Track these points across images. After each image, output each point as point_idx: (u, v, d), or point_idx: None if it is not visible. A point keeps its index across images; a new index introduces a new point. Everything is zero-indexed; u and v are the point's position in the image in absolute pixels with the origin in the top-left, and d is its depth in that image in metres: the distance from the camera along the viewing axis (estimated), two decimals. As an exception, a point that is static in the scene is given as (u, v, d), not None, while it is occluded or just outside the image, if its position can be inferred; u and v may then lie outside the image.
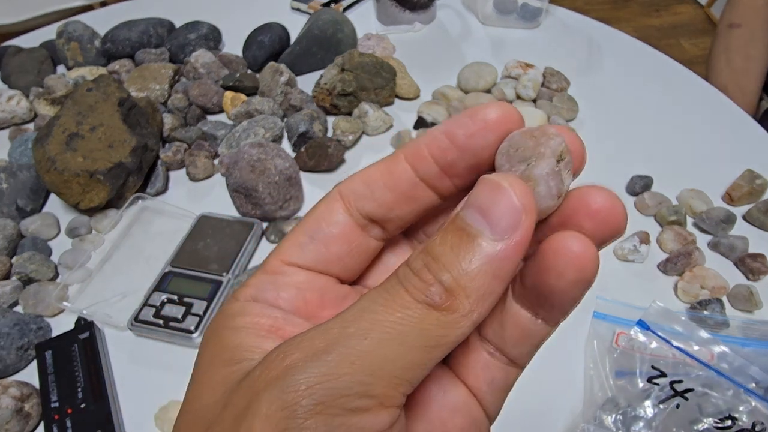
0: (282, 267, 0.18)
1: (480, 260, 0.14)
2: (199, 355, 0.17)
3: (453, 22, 0.87)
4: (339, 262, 0.18)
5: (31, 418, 0.42)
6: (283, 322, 0.17)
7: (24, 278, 0.51)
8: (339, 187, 0.18)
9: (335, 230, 0.18)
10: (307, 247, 0.18)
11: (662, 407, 0.40)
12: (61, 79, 0.72)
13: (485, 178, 0.15)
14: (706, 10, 2.27)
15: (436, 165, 0.17)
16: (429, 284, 0.14)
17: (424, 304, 0.14)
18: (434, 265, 0.14)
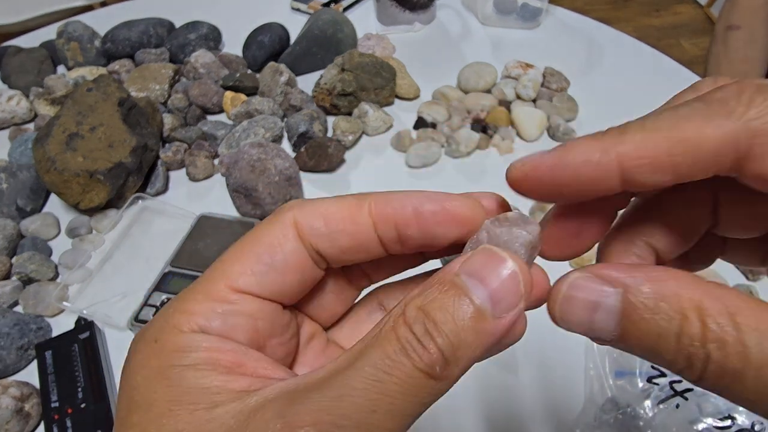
0: (232, 295, 0.17)
1: (476, 331, 0.15)
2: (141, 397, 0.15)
3: (453, 22, 0.87)
4: (290, 290, 0.18)
5: (31, 418, 0.42)
6: (243, 355, 0.16)
7: (24, 278, 0.51)
8: (295, 215, 0.18)
9: (291, 259, 0.17)
10: (265, 275, 0.17)
11: (662, 407, 0.40)
12: (61, 79, 0.73)
13: (489, 249, 0.16)
14: (706, 10, 2.27)
15: (396, 232, 0.17)
16: (431, 353, 0.14)
17: (425, 374, 0.14)
18: (436, 332, 0.14)
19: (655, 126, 0.15)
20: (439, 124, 0.67)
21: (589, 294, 0.15)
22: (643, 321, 0.14)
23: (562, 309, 0.16)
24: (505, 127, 0.66)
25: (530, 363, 0.45)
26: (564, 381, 0.44)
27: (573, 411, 0.42)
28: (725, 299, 0.13)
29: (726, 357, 0.13)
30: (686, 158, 0.15)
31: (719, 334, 0.13)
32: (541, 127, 0.66)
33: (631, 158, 0.15)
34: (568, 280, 0.16)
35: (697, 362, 0.13)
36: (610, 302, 0.15)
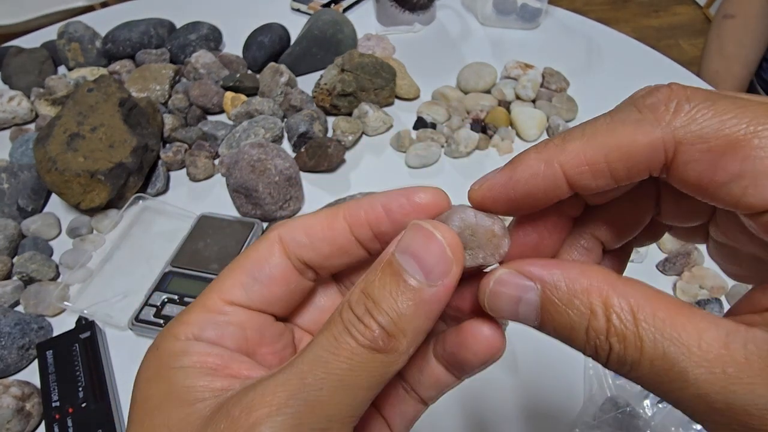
0: (223, 306, 0.19)
1: (415, 303, 0.16)
2: (141, 395, 0.18)
3: (453, 23, 0.87)
4: (278, 302, 0.19)
5: (32, 417, 0.42)
6: (229, 359, 0.18)
7: (25, 278, 0.51)
8: (279, 232, 0.19)
9: (276, 272, 0.19)
10: (251, 288, 0.19)
11: (661, 406, 0.40)
12: (62, 79, 0.73)
13: (417, 224, 0.17)
14: (705, 10, 2.28)
15: (370, 230, 0.19)
16: (372, 329, 0.16)
17: (369, 348, 0.16)
18: (375, 310, 0.16)
19: (593, 132, 0.16)
20: (439, 124, 0.67)
21: (512, 289, 0.17)
22: (558, 314, 0.16)
23: (490, 302, 0.17)
24: (504, 127, 0.66)
25: (530, 363, 0.45)
26: (564, 381, 0.44)
27: (573, 410, 0.43)
28: (630, 295, 0.15)
29: (625, 349, 0.15)
30: (621, 164, 0.16)
31: (620, 329, 0.15)
32: (541, 128, 0.66)
33: (572, 166, 0.16)
34: (494, 276, 0.17)
35: (602, 352, 0.15)
36: (530, 297, 0.16)
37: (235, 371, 0.18)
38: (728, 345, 0.14)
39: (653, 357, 0.14)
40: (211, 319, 0.18)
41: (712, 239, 0.20)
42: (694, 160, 0.15)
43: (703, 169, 0.15)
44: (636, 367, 0.15)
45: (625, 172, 0.16)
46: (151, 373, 0.18)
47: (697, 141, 0.15)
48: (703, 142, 0.15)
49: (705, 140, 0.15)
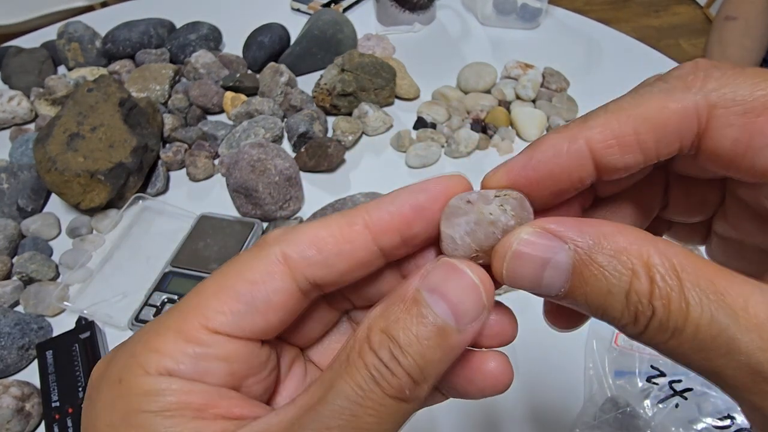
0: (205, 335, 0.15)
1: (442, 349, 0.15)
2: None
3: (453, 23, 0.87)
4: (272, 328, 0.17)
5: (31, 417, 0.42)
6: (215, 396, 0.15)
7: (25, 278, 0.51)
8: (283, 249, 0.16)
9: (276, 299, 0.16)
10: (244, 317, 0.16)
11: (661, 407, 0.40)
12: (62, 79, 0.73)
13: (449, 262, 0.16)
14: (705, 10, 2.27)
15: (399, 237, 0.17)
16: (399, 377, 0.14)
17: (396, 399, 0.14)
18: (402, 356, 0.14)
19: (618, 108, 0.15)
20: (439, 124, 0.67)
21: (540, 250, 0.15)
22: (593, 278, 0.14)
23: (511, 266, 0.15)
24: (504, 127, 0.66)
25: (530, 363, 0.45)
26: (564, 381, 0.44)
27: (573, 411, 0.42)
28: (672, 255, 0.13)
29: (669, 314, 0.13)
30: (652, 134, 0.15)
31: (665, 290, 0.13)
32: (541, 128, 0.66)
33: (599, 140, 0.15)
34: (518, 235, 0.15)
35: (642, 318, 0.14)
36: (561, 259, 0.14)
37: (224, 410, 0.15)
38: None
39: (699, 322, 0.13)
40: (191, 351, 0.15)
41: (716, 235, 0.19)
42: (729, 125, 0.14)
43: (739, 134, 0.14)
44: (678, 334, 0.13)
45: (655, 144, 0.15)
46: (116, 417, 0.14)
47: (732, 104, 0.14)
48: (737, 105, 0.14)
49: (740, 103, 0.14)
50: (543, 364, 0.45)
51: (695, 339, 0.13)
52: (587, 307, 0.14)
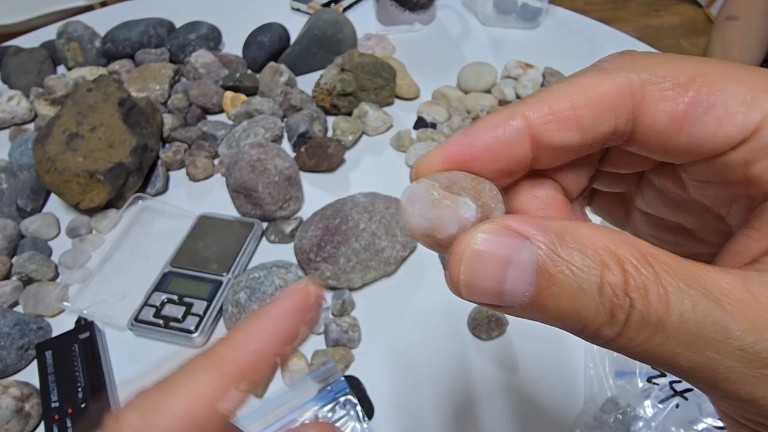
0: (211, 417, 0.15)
1: None
2: None
3: (453, 22, 0.87)
4: None
5: (31, 418, 0.42)
6: None
7: (24, 278, 0.51)
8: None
9: None
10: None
11: (662, 407, 0.40)
12: (61, 79, 0.73)
13: None
14: (706, 10, 2.27)
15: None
16: None
17: None
18: None
19: (552, 88, 0.15)
20: (439, 124, 0.67)
21: (501, 248, 0.13)
22: (560, 275, 0.12)
23: (470, 269, 0.13)
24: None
25: (530, 363, 0.45)
26: (564, 381, 0.44)
27: (573, 411, 0.42)
28: (639, 245, 0.13)
29: (649, 305, 0.12)
30: (588, 109, 0.15)
31: (640, 280, 0.12)
32: (541, 127, 0.66)
33: (537, 117, 0.15)
34: (476, 234, 0.13)
35: (620, 314, 0.12)
36: (524, 256, 0.13)
37: None
38: (750, 290, 0.12)
39: (682, 310, 0.12)
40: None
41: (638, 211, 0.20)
42: (663, 99, 0.14)
43: (674, 107, 0.14)
44: (662, 326, 0.12)
45: (592, 120, 0.15)
46: None
47: (662, 80, 0.14)
48: (668, 81, 0.14)
49: (670, 78, 0.14)
50: (543, 364, 0.45)
51: (681, 331, 0.12)
52: (556, 311, 0.13)
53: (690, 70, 0.14)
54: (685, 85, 0.14)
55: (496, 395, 0.44)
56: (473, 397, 0.44)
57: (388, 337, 0.47)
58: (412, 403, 0.43)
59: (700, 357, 0.12)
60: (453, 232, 0.15)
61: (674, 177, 0.17)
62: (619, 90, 0.15)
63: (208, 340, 0.48)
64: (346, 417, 0.41)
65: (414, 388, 0.44)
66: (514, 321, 0.47)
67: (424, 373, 0.45)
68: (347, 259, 0.48)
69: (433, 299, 0.50)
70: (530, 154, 0.16)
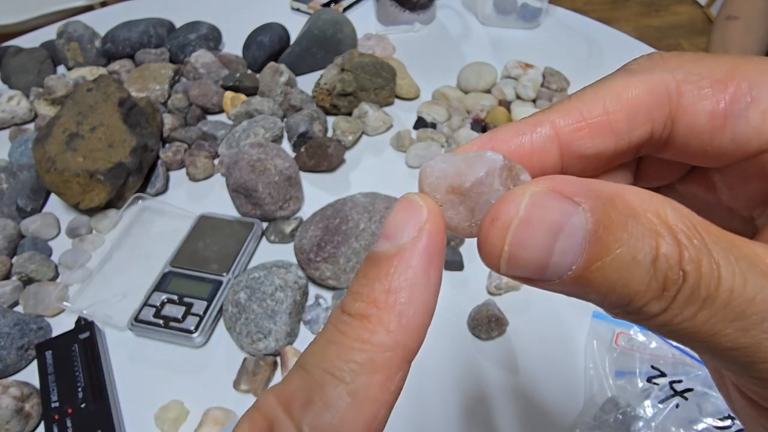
0: None
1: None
2: None
3: (453, 22, 0.87)
4: None
5: (31, 418, 0.42)
6: None
7: (24, 278, 0.51)
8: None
9: None
10: None
11: (662, 407, 0.40)
12: (61, 79, 0.73)
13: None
14: (706, 10, 2.27)
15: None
16: None
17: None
18: None
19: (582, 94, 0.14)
20: (439, 124, 0.67)
21: (552, 214, 0.11)
22: (615, 243, 0.11)
23: (518, 238, 0.12)
24: (505, 127, 0.66)
25: (530, 363, 0.45)
26: (564, 381, 0.44)
27: (573, 411, 0.42)
28: (688, 214, 0.12)
29: (700, 279, 0.11)
30: (623, 113, 0.14)
31: (695, 253, 0.11)
32: (541, 127, 0.66)
33: (567, 124, 0.14)
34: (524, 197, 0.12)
35: (671, 287, 0.11)
36: (576, 223, 0.11)
37: None
38: None
39: (733, 285, 0.11)
40: None
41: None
42: (702, 98, 0.13)
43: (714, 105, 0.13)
44: (710, 302, 0.11)
45: (627, 124, 0.14)
46: None
47: (698, 78, 0.13)
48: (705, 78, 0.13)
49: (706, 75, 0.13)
50: (543, 364, 0.45)
51: (729, 306, 0.11)
52: (602, 285, 0.11)
53: (725, 66, 0.13)
54: (723, 82, 0.13)
55: (496, 395, 0.44)
56: (473, 397, 0.44)
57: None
58: (411, 403, 0.43)
59: (744, 336, 0.11)
60: (481, 173, 0.13)
61: (704, 182, 0.16)
62: (654, 91, 0.14)
63: (208, 340, 0.48)
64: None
65: (414, 388, 0.44)
66: (514, 321, 0.47)
67: (424, 373, 0.45)
68: (347, 259, 0.48)
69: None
70: (558, 164, 0.14)
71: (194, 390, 0.44)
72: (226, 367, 0.46)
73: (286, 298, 0.47)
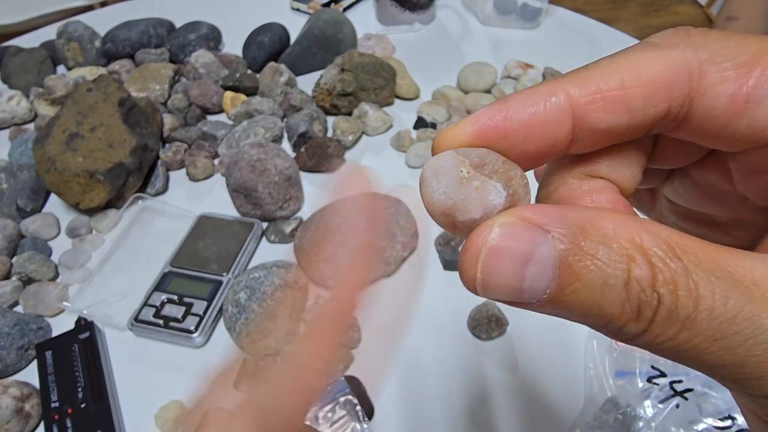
0: None
1: None
2: None
3: (453, 22, 0.87)
4: None
5: (31, 418, 0.42)
6: None
7: (24, 278, 0.51)
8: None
9: None
10: None
11: (662, 407, 0.40)
12: (61, 79, 0.72)
13: None
14: (706, 10, 2.27)
15: None
16: None
17: None
18: None
19: (599, 65, 0.14)
20: (439, 124, 0.67)
21: (520, 243, 0.12)
22: (584, 269, 0.12)
23: (488, 266, 0.13)
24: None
25: (530, 363, 0.45)
26: (564, 381, 0.44)
27: (573, 411, 0.42)
28: (666, 236, 0.12)
29: (677, 300, 0.11)
30: (640, 89, 0.13)
31: (670, 274, 0.11)
32: (541, 127, 0.66)
33: (583, 95, 0.14)
34: (492, 229, 0.13)
35: (647, 310, 0.12)
36: (544, 251, 0.12)
37: None
38: None
39: (713, 304, 0.11)
40: None
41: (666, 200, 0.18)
42: (724, 81, 0.13)
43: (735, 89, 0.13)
44: (690, 323, 0.11)
45: (642, 101, 0.13)
46: None
47: (722, 59, 0.13)
48: (728, 60, 0.13)
49: (730, 58, 0.13)
50: (543, 364, 0.45)
51: (710, 326, 0.11)
52: (578, 308, 0.12)
53: (751, 49, 0.13)
54: (747, 65, 0.13)
55: (496, 395, 0.44)
56: (473, 397, 0.44)
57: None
58: (412, 403, 0.43)
59: (728, 354, 0.11)
60: (476, 216, 0.13)
61: (719, 167, 0.16)
62: (675, 69, 0.13)
63: (208, 340, 0.48)
64: (346, 417, 0.41)
65: (414, 388, 0.44)
66: (514, 321, 0.47)
67: (424, 373, 0.45)
68: (347, 259, 0.48)
69: (432, 299, 0.50)
70: (569, 136, 0.14)
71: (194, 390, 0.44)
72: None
73: (286, 298, 0.47)
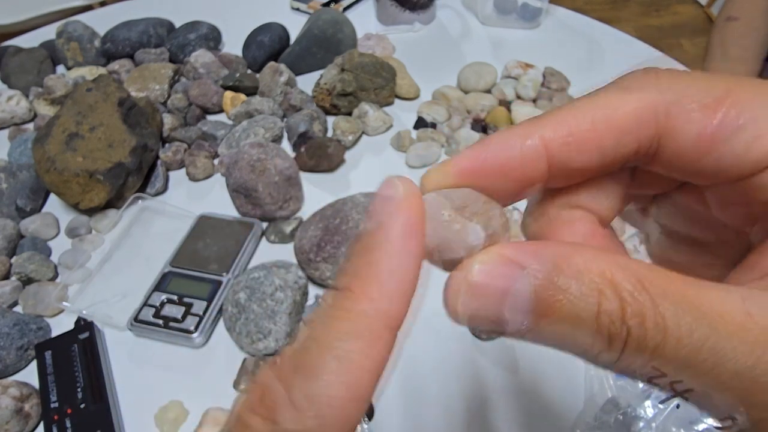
0: None
1: None
2: None
3: (453, 22, 0.87)
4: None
5: (30, 418, 0.42)
6: None
7: (24, 278, 0.51)
8: None
9: None
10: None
11: (662, 407, 0.40)
12: (61, 79, 0.72)
13: None
14: (706, 9, 2.27)
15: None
16: None
17: None
18: None
19: (572, 107, 0.15)
20: (439, 124, 0.67)
21: (497, 279, 0.13)
22: (558, 303, 0.13)
23: (468, 302, 0.14)
24: (505, 127, 0.66)
25: (530, 363, 0.45)
26: (564, 381, 0.44)
27: (573, 411, 0.42)
28: (635, 270, 0.13)
29: (646, 332, 0.12)
30: (609, 132, 0.14)
31: (637, 308, 0.12)
32: (541, 127, 0.66)
33: (555, 138, 0.14)
34: (471, 267, 0.14)
35: (617, 341, 0.12)
36: (521, 286, 0.13)
37: None
38: (750, 313, 0.12)
39: (679, 335, 0.12)
40: None
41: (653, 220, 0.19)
42: (690, 121, 0.14)
43: (701, 129, 0.14)
44: (659, 352, 0.12)
45: (613, 141, 0.14)
46: None
47: (688, 100, 0.14)
48: (695, 101, 0.14)
49: (696, 99, 0.14)
50: (543, 364, 0.45)
51: (678, 356, 0.12)
52: (555, 338, 0.13)
53: (717, 89, 0.14)
54: (712, 107, 0.14)
55: (496, 395, 0.44)
56: (473, 397, 0.44)
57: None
58: (412, 403, 0.43)
59: (696, 381, 0.12)
60: (459, 255, 0.15)
61: (697, 195, 0.16)
62: (642, 111, 0.14)
63: (207, 340, 0.48)
64: (346, 417, 0.40)
65: (414, 389, 0.44)
66: (515, 321, 0.47)
67: (424, 373, 0.45)
68: (347, 259, 0.48)
69: (432, 299, 0.50)
70: (546, 174, 0.15)
71: (194, 390, 0.44)
72: (225, 367, 0.46)
73: (286, 298, 0.47)
